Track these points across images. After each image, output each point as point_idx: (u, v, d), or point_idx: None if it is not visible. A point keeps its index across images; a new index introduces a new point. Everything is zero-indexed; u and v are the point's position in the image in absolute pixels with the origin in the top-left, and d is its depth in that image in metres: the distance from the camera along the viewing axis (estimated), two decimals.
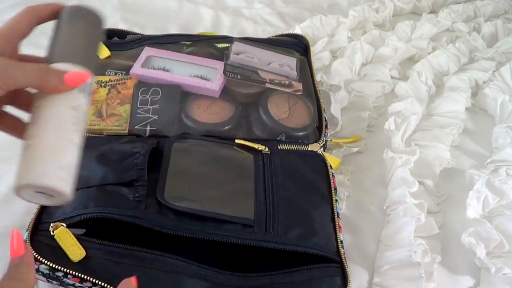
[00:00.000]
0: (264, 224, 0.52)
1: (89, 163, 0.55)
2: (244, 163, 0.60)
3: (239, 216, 0.52)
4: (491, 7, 1.16)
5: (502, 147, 0.74)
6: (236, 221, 0.52)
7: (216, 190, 0.55)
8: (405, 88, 0.85)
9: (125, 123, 0.64)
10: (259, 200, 0.55)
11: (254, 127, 0.66)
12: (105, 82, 0.69)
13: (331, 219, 0.57)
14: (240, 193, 0.56)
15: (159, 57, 0.73)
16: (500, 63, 0.96)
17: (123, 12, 1.05)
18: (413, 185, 0.63)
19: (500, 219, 0.63)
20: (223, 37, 0.82)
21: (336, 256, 0.52)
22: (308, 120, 0.67)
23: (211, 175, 0.57)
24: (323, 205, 0.58)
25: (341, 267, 0.52)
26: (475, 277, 0.59)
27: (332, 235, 0.55)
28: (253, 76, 0.71)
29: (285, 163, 0.61)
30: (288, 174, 0.59)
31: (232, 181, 0.57)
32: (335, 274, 0.51)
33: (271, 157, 0.61)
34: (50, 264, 0.46)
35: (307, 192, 0.58)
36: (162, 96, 0.67)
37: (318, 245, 0.52)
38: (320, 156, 0.64)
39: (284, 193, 0.57)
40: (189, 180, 0.56)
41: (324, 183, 0.60)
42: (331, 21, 1.02)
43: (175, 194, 0.53)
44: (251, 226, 0.52)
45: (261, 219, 0.53)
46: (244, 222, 0.52)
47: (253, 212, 0.54)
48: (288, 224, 0.53)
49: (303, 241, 0.52)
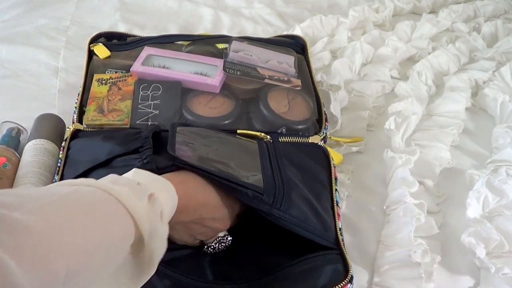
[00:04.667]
0: (272, 197, 0.52)
1: (95, 144, 0.57)
2: (248, 145, 0.61)
3: (251, 183, 0.52)
4: (491, 7, 1.16)
5: (502, 147, 0.74)
6: (248, 187, 0.51)
7: (224, 159, 0.55)
8: (405, 88, 0.85)
9: (127, 118, 0.64)
10: (266, 174, 0.55)
11: (254, 121, 0.66)
12: (106, 79, 0.69)
13: (330, 207, 0.57)
14: (248, 165, 0.56)
15: (159, 55, 0.73)
16: (500, 63, 0.96)
17: (123, 12, 1.05)
18: (413, 185, 0.63)
19: (500, 219, 0.63)
20: (221, 36, 0.82)
21: (335, 243, 0.53)
22: (308, 114, 0.68)
23: (218, 149, 0.57)
24: (324, 192, 0.58)
25: (341, 254, 0.52)
26: (475, 277, 0.59)
27: (332, 222, 0.55)
28: (253, 73, 0.71)
29: (287, 151, 0.61)
30: (291, 161, 0.59)
31: (239, 155, 0.58)
32: (336, 261, 0.51)
33: (274, 144, 0.62)
34: None
35: (308, 178, 0.58)
36: (163, 92, 0.67)
37: (318, 229, 0.53)
38: (321, 148, 0.64)
39: (288, 173, 0.57)
40: (197, 148, 0.56)
41: (325, 172, 0.61)
42: (331, 21, 1.02)
43: (185, 151, 0.53)
44: (260, 195, 0.52)
45: (270, 191, 0.53)
46: (255, 189, 0.52)
47: (262, 183, 0.54)
48: (292, 202, 0.53)
49: (304, 223, 0.52)
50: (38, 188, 0.39)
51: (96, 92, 0.67)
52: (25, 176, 0.59)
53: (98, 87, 0.68)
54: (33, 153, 0.62)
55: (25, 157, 0.62)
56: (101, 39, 0.79)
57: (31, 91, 0.81)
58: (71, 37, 0.95)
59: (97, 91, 0.67)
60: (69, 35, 0.96)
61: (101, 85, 0.68)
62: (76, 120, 0.65)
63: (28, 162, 0.61)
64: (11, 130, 0.67)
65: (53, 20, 1.00)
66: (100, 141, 0.57)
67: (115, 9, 1.06)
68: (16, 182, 0.59)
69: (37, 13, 1.01)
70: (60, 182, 0.39)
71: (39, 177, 0.59)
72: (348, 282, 0.49)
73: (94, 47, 0.76)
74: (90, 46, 0.76)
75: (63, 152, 0.60)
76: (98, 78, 0.69)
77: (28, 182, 0.58)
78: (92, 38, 0.78)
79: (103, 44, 0.76)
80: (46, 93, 0.81)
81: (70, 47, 0.92)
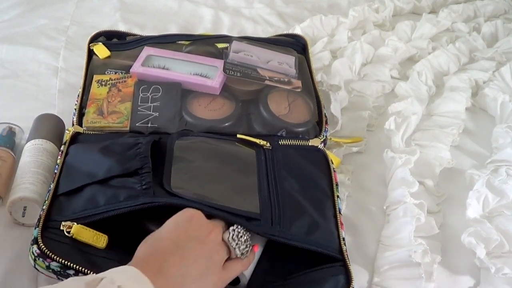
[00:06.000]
0: (270, 218, 0.53)
1: (93, 156, 0.56)
2: (246, 159, 0.60)
3: (245, 210, 0.53)
4: (491, 7, 1.16)
5: (502, 147, 0.74)
6: (242, 214, 0.52)
7: (220, 184, 0.56)
8: (405, 88, 0.84)
9: (126, 121, 0.64)
10: (263, 195, 0.55)
11: (254, 124, 0.66)
12: (106, 81, 0.69)
13: (333, 215, 0.57)
14: (244, 188, 0.56)
15: (159, 56, 0.73)
16: (500, 63, 0.96)
17: (123, 12, 1.05)
18: (413, 185, 0.63)
19: (500, 219, 0.63)
20: (221, 36, 0.82)
21: (339, 254, 0.53)
22: (308, 116, 0.68)
23: (214, 170, 0.57)
24: (325, 201, 0.58)
25: (344, 265, 0.52)
26: (475, 277, 0.59)
27: (335, 233, 0.55)
28: (253, 74, 0.71)
29: (287, 159, 0.61)
30: (290, 170, 0.59)
31: (236, 176, 0.58)
32: (338, 272, 0.51)
33: (273, 152, 0.62)
34: (62, 261, 0.46)
35: (309, 188, 0.58)
36: (163, 93, 0.67)
37: (321, 243, 0.52)
38: (321, 151, 0.64)
39: (287, 188, 0.57)
40: (194, 174, 0.56)
41: (326, 179, 0.61)
42: (331, 21, 1.02)
43: (181, 185, 0.54)
44: (257, 220, 0.52)
45: (267, 213, 0.53)
46: (249, 215, 0.52)
47: (258, 207, 0.54)
48: (292, 219, 0.53)
49: (307, 237, 0.52)
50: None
51: (96, 94, 0.67)
52: (24, 176, 0.59)
53: (97, 88, 0.68)
54: (32, 153, 0.62)
55: (24, 157, 0.62)
56: (100, 38, 0.79)
57: (31, 91, 0.81)
58: (71, 37, 0.95)
59: (97, 92, 0.67)
60: (69, 35, 0.96)
61: (100, 87, 0.68)
62: (75, 122, 0.65)
63: (27, 162, 0.61)
64: (2, 129, 0.67)
65: (53, 20, 1.00)
66: (99, 154, 0.56)
67: (115, 9, 1.06)
68: (15, 182, 0.59)
69: (37, 13, 1.01)
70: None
71: (38, 177, 0.59)
72: None
73: (94, 46, 0.75)
74: (90, 45, 0.76)
75: (61, 158, 0.59)
76: (98, 79, 0.69)
77: (27, 182, 0.58)
78: (92, 37, 0.78)
79: (103, 44, 0.76)
80: (46, 93, 0.81)
81: (70, 47, 0.92)
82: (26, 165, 0.60)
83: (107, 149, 0.57)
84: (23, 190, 0.57)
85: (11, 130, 0.68)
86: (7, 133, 0.67)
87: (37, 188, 0.58)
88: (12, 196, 0.57)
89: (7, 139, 0.66)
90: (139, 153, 0.56)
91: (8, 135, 0.67)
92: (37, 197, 0.56)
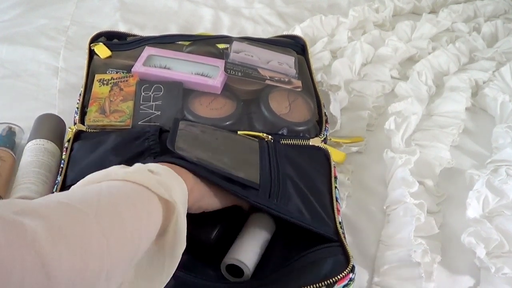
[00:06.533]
0: (268, 191, 0.54)
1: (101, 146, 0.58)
2: (249, 142, 0.61)
3: (246, 178, 0.53)
4: (491, 7, 1.16)
5: (502, 147, 0.74)
6: (242, 182, 0.53)
7: (222, 155, 0.56)
8: (405, 88, 0.85)
9: (129, 119, 0.64)
10: (264, 170, 0.56)
11: (255, 122, 0.66)
12: (107, 80, 0.69)
13: (329, 202, 0.58)
14: (246, 161, 0.57)
15: (160, 56, 0.73)
16: (500, 63, 0.96)
17: (123, 12, 1.05)
18: (413, 185, 0.63)
19: (500, 219, 0.63)
20: (222, 36, 0.82)
21: (335, 235, 0.53)
22: (309, 115, 0.68)
23: (218, 143, 0.58)
24: (322, 189, 0.59)
25: (342, 246, 0.52)
26: (475, 277, 0.59)
27: (331, 216, 0.56)
28: (254, 74, 0.71)
29: (288, 153, 0.62)
30: (291, 161, 0.60)
31: (239, 150, 0.59)
32: (337, 252, 0.51)
33: (275, 144, 0.62)
34: None
35: (307, 176, 0.59)
36: (165, 92, 0.67)
37: (317, 224, 0.53)
38: (322, 150, 0.65)
39: (287, 172, 0.58)
40: (197, 143, 0.57)
41: (325, 173, 0.61)
42: (331, 21, 1.02)
43: (183, 147, 0.54)
44: (255, 190, 0.53)
45: (266, 186, 0.54)
46: (250, 184, 0.53)
47: (258, 179, 0.55)
48: (290, 198, 0.54)
49: (303, 217, 0.53)
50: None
51: (98, 93, 0.67)
52: (25, 176, 0.59)
53: (99, 87, 0.68)
54: (33, 153, 0.62)
55: (25, 157, 0.62)
56: (101, 39, 0.79)
57: (31, 91, 0.81)
58: (71, 37, 0.95)
59: (99, 91, 0.67)
60: (69, 35, 0.96)
61: (102, 86, 0.68)
62: (78, 120, 0.65)
63: (28, 162, 0.61)
64: (2, 129, 0.67)
65: (53, 20, 1.00)
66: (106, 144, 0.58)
67: (115, 9, 1.06)
68: (16, 181, 0.59)
69: (37, 13, 1.02)
70: (88, 179, 0.41)
71: (39, 177, 0.59)
72: (350, 271, 0.49)
73: (94, 46, 0.76)
74: (91, 45, 0.76)
75: (66, 153, 0.60)
76: (100, 78, 0.69)
77: (28, 182, 0.58)
78: (93, 37, 0.78)
79: (103, 44, 0.76)
80: (46, 93, 0.81)
81: (70, 47, 0.92)
82: (27, 165, 0.60)
83: (115, 139, 0.59)
84: (24, 189, 0.57)
85: (11, 130, 0.68)
86: (7, 133, 0.67)
87: (38, 188, 0.58)
88: (13, 195, 0.57)
89: (7, 139, 0.66)
90: (148, 137, 0.59)
91: (8, 135, 0.67)
92: (38, 197, 0.56)
